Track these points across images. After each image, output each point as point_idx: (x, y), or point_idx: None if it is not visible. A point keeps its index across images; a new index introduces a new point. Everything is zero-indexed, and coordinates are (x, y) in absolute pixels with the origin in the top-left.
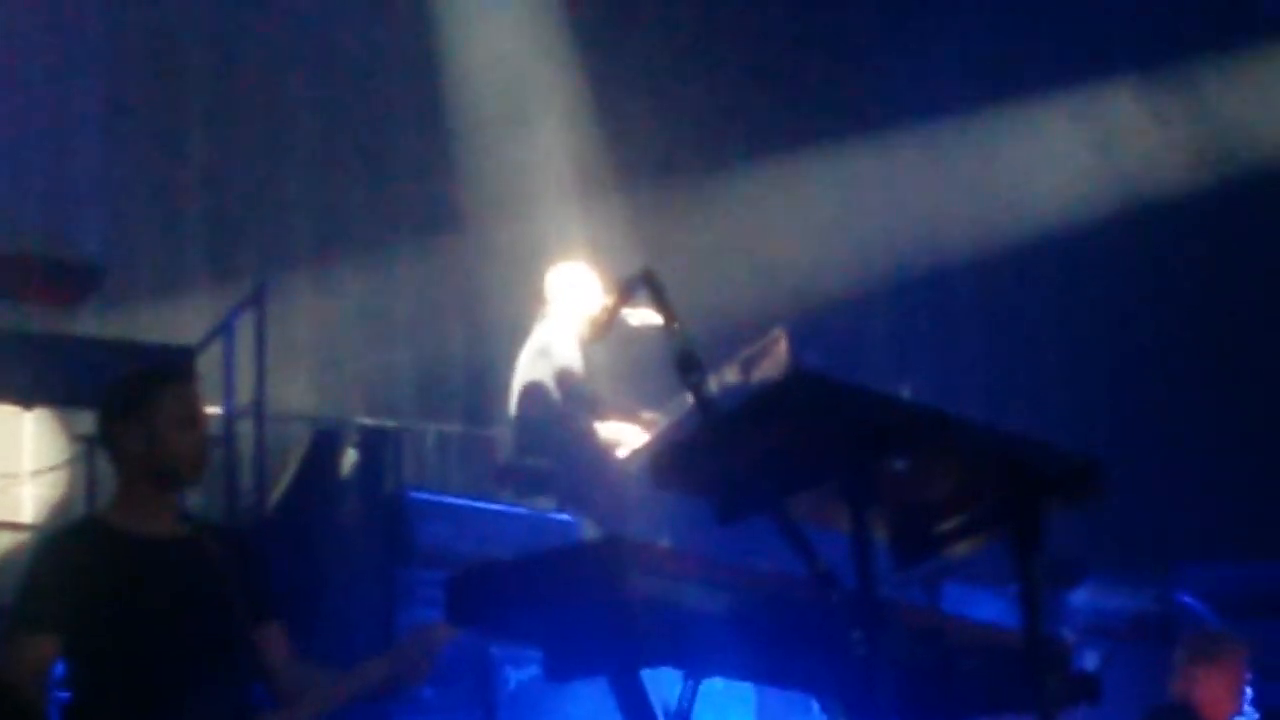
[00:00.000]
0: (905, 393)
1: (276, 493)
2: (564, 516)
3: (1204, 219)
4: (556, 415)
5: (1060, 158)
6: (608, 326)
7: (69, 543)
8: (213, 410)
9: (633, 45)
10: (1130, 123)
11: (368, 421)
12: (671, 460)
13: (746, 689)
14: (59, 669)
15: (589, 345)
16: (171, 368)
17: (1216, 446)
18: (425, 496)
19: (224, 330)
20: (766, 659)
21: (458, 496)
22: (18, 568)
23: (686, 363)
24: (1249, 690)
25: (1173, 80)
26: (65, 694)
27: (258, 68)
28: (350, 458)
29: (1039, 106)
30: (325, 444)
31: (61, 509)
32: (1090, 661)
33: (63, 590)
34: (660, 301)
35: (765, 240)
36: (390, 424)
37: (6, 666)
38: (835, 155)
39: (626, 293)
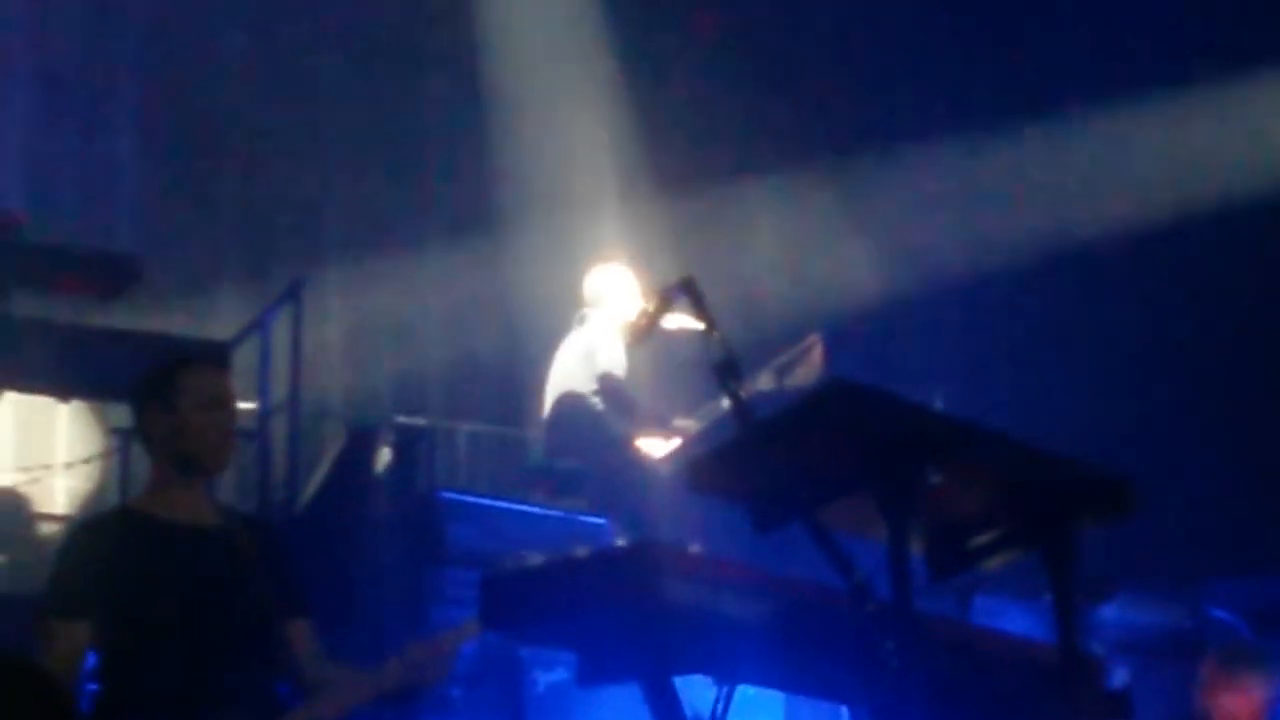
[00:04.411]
0: (937, 403)
1: (310, 490)
2: (595, 519)
3: (1245, 228)
4: (593, 418)
5: (1095, 169)
6: (647, 332)
7: (100, 530)
8: (247, 406)
9: (674, 48)
10: (1169, 137)
11: (402, 420)
12: (708, 466)
13: (775, 696)
14: (90, 660)
15: (630, 350)
16: (197, 353)
17: (1250, 460)
18: (456, 496)
19: (259, 327)
20: (798, 668)
21: (488, 497)
22: (50, 558)
23: (724, 369)
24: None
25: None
26: (95, 686)
27: (295, 65)
28: (384, 456)
29: (1074, 119)
30: (360, 441)
31: (94, 501)
32: (1120, 677)
33: (93, 576)
34: (699, 308)
35: (801, 248)
36: (423, 423)
37: (39, 653)
38: (872, 164)
39: (666, 299)
